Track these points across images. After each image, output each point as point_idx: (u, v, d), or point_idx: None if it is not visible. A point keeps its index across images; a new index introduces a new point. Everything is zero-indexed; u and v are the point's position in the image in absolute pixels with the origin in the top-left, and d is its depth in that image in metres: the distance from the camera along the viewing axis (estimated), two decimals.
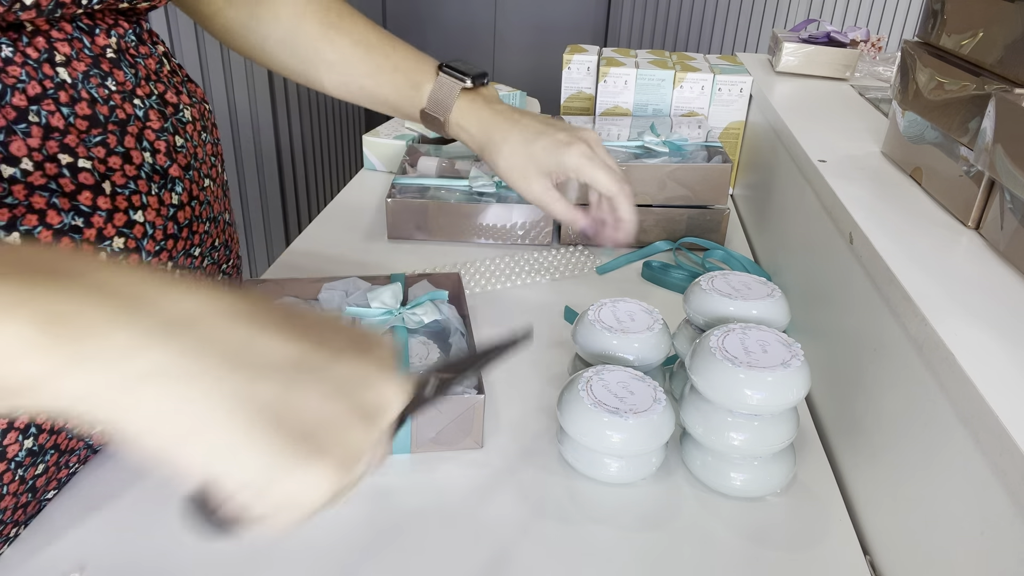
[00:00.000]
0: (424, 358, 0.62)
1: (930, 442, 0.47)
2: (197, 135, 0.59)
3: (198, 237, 0.59)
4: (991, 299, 0.49)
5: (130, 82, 0.53)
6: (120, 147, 0.51)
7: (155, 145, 0.54)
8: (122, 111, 0.52)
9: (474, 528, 0.53)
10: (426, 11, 3.47)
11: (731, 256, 0.91)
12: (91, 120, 0.50)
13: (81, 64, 0.50)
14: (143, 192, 0.53)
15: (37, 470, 0.52)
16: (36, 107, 0.47)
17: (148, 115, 0.54)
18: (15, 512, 0.51)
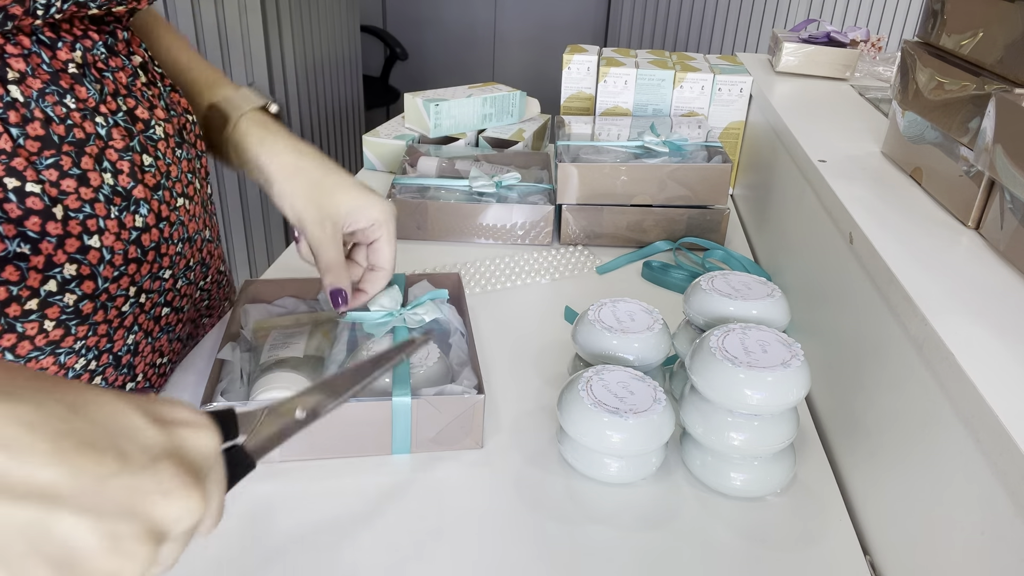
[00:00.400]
0: (424, 358, 0.62)
1: (930, 442, 0.47)
2: (171, 152, 0.57)
3: (167, 259, 0.56)
4: (991, 299, 0.49)
5: (93, 99, 0.51)
6: (75, 169, 0.49)
7: (117, 165, 0.51)
8: (80, 130, 0.49)
9: (474, 528, 0.53)
10: (426, 11, 3.47)
11: (731, 256, 0.91)
12: (43, 141, 0.47)
13: (36, 81, 0.47)
14: (100, 216, 0.50)
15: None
16: None
17: (111, 134, 0.51)
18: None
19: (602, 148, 0.98)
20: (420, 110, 1.16)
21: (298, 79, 2.07)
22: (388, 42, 3.12)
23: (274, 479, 0.57)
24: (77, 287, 0.50)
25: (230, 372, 0.62)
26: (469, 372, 0.62)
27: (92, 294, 0.51)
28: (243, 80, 1.84)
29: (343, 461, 0.59)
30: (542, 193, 0.98)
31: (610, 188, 0.93)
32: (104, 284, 0.51)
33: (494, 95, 1.20)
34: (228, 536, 0.52)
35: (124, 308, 0.54)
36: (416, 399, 0.57)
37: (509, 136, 1.19)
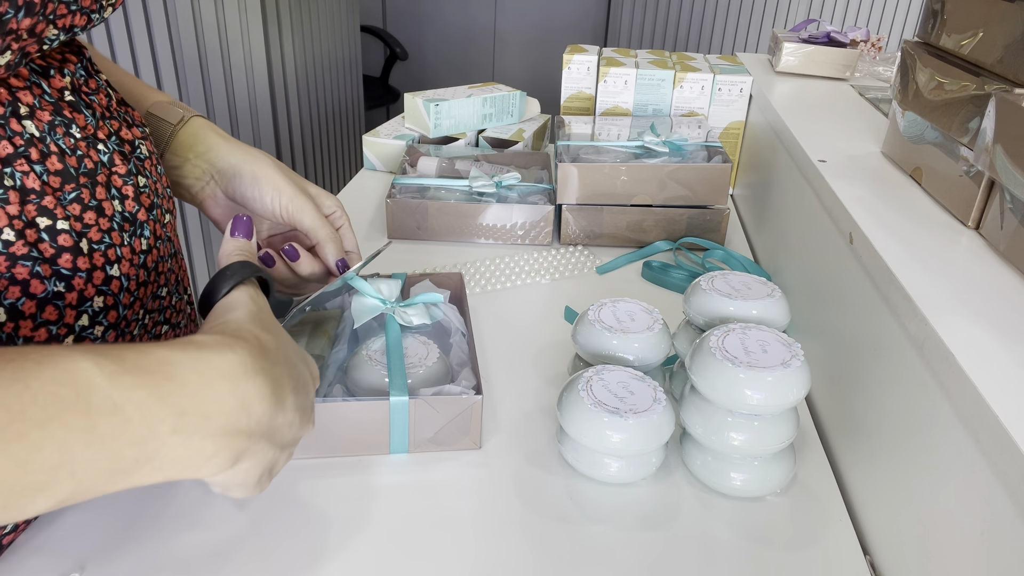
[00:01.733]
0: (424, 358, 0.62)
1: (930, 442, 0.47)
2: (155, 170, 0.55)
3: (163, 277, 0.56)
4: (991, 299, 0.49)
5: (91, 125, 0.49)
6: (93, 200, 0.48)
7: (123, 191, 0.51)
8: (89, 160, 0.48)
9: (473, 528, 0.53)
10: (426, 11, 3.47)
11: (731, 256, 0.91)
12: (63, 175, 0.46)
13: (45, 113, 0.46)
14: (117, 244, 0.49)
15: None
16: (10, 169, 0.43)
17: (114, 159, 0.50)
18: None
19: (602, 148, 0.98)
20: (420, 110, 1.16)
21: (298, 79, 2.07)
22: (388, 42, 3.12)
23: None
24: (104, 318, 0.49)
25: None
26: (469, 372, 0.62)
27: (115, 323, 0.50)
28: (243, 78, 1.84)
29: (341, 460, 0.59)
30: (542, 193, 0.98)
31: (610, 188, 0.93)
32: (123, 311, 0.51)
33: (494, 95, 1.20)
34: (226, 535, 0.52)
35: (135, 332, 0.54)
36: (414, 399, 0.57)
37: (509, 136, 1.19)
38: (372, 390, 0.59)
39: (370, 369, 0.60)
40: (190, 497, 0.55)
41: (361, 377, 0.60)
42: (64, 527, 0.52)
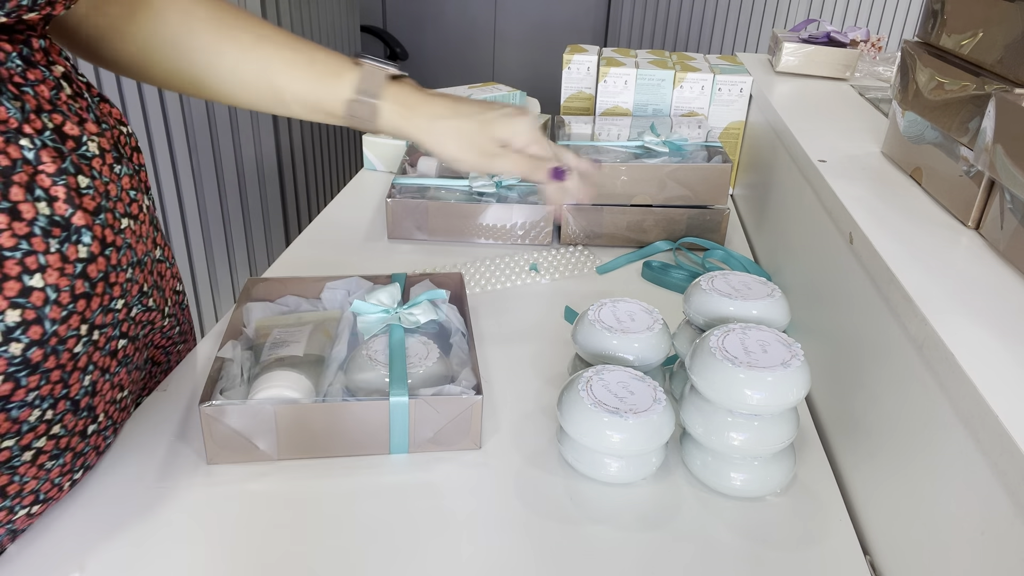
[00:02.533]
0: (424, 358, 0.62)
1: (930, 442, 0.47)
2: (108, 170, 0.51)
3: (118, 288, 0.51)
4: (991, 299, 0.49)
5: (15, 119, 0.45)
6: (5, 202, 0.43)
7: (51, 192, 0.46)
8: (5, 157, 0.44)
9: (473, 528, 0.53)
10: (426, 11, 3.47)
11: (731, 256, 0.91)
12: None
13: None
14: (39, 251, 0.45)
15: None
16: None
17: (40, 156, 0.45)
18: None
19: (602, 148, 0.98)
20: None
21: None
22: (388, 42, 3.12)
23: (272, 478, 0.57)
24: (23, 334, 0.44)
25: (230, 370, 0.62)
26: (469, 372, 0.62)
27: (40, 340, 0.45)
28: None
29: (341, 460, 0.59)
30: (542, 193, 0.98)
31: (610, 188, 0.93)
32: (52, 327, 0.46)
33: (494, 95, 1.20)
34: (225, 535, 0.52)
35: (77, 349, 0.48)
36: (414, 399, 0.57)
37: None
38: (372, 390, 0.59)
39: (370, 369, 0.60)
40: (190, 497, 0.55)
41: (361, 377, 0.60)
42: (64, 527, 0.52)
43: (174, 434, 0.60)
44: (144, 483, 0.56)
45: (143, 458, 0.58)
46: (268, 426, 0.56)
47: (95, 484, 0.55)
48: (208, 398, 0.56)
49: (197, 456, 0.58)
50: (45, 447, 0.49)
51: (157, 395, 0.65)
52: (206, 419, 0.55)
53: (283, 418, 0.56)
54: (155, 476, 0.56)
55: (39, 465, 0.49)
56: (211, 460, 0.57)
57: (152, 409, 0.63)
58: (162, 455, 0.58)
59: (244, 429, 0.56)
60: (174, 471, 0.57)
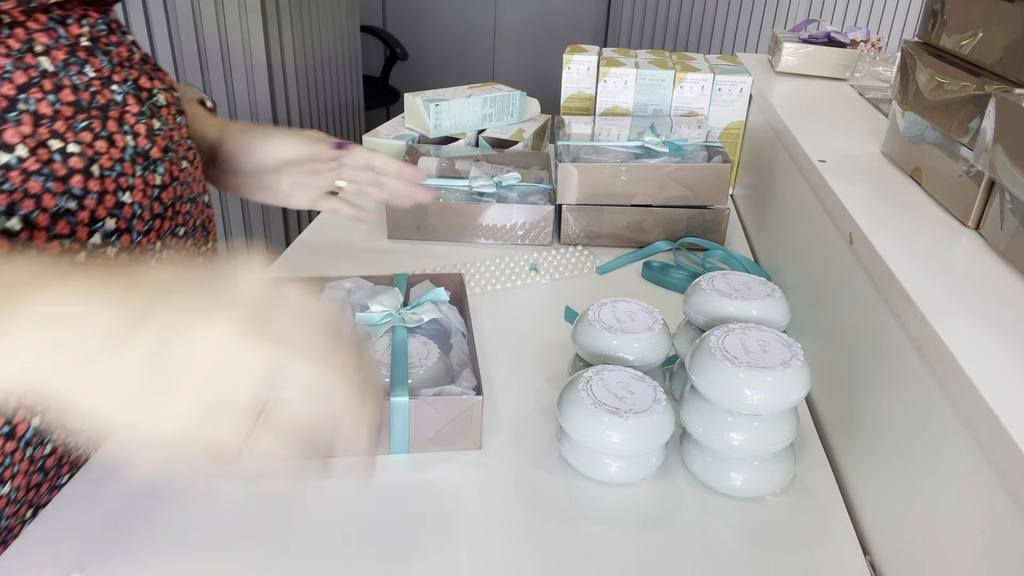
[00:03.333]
0: (424, 358, 0.62)
1: (930, 442, 0.47)
2: (172, 118, 0.61)
3: (181, 217, 0.60)
4: (991, 299, 0.49)
5: (106, 69, 0.54)
6: (104, 131, 0.53)
7: (135, 128, 0.55)
8: (102, 96, 0.53)
9: (473, 528, 0.53)
10: (426, 11, 3.47)
11: (731, 256, 0.91)
12: (76, 106, 0.51)
13: (60, 52, 0.51)
14: (128, 174, 0.54)
15: (45, 450, 0.53)
16: (24, 95, 0.48)
17: (126, 100, 0.55)
18: (27, 492, 0.53)
19: (602, 148, 0.98)
20: (420, 110, 1.16)
21: (298, 79, 2.07)
22: (388, 42, 3.12)
23: (272, 478, 0.57)
24: (116, 240, 0.53)
25: None
26: (469, 373, 0.62)
27: (128, 247, 0.54)
28: (243, 77, 1.84)
29: (340, 461, 0.59)
30: (542, 193, 0.98)
31: (610, 188, 0.93)
32: (137, 238, 0.55)
33: (494, 95, 1.20)
34: (225, 535, 0.52)
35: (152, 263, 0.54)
36: (414, 399, 0.57)
37: (509, 136, 1.19)
38: None
39: None
40: (190, 497, 0.55)
41: None
42: (64, 527, 0.52)
43: None
44: (144, 483, 0.56)
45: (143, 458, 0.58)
46: None
47: (95, 484, 0.55)
48: None
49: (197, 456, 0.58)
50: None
51: None
52: None
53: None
54: (155, 476, 0.56)
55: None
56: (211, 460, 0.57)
57: None
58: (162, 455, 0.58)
59: None
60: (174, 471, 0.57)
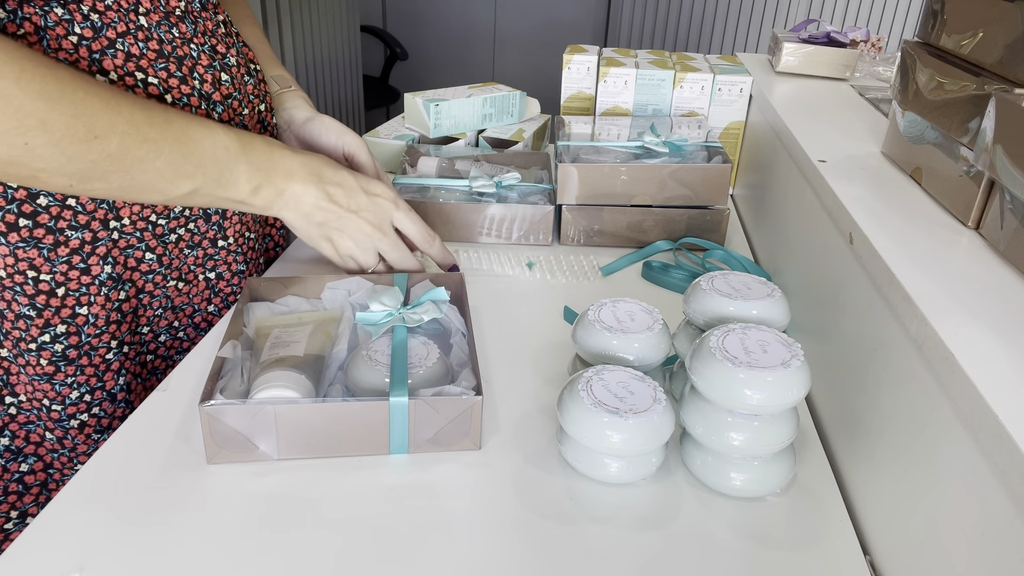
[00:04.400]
0: (424, 358, 0.62)
1: (930, 442, 0.47)
2: (240, 77, 0.76)
3: None
4: (991, 299, 0.49)
5: (189, 32, 0.70)
6: (178, 72, 0.68)
7: (203, 76, 0.71)
8: (181, 50, 0.69)
9: (473, 528, 0.53)
10: (426, 11, 3.47)
11: (731, 256, 0.91)
12: (158, 53, 0.66)
13: (156, 15, 0.67)
14: (194, 107, 0.69)
15: (120, 295, 0.71)
16: (122, 40, 0.64)
17: (200, 56, 0.71)
18: (108, 324, 0.70)
19: (602, 148, 0.98)
20: (420, 110, 1.16)
21: (298, 79, 2.07)
22: (388, 42, 3.12)
23: (271, 478, 0.57)
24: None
25: (231, 370, 0.62)
26: (469, 373, 0.62)
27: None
28: None
29: (340, 460, 0.59)
30: (542, 193, 0.98)
31: (610, 188, 0.93)
32: None
33: (494, 95, 1.20)
34: (225, 535, 0.52)
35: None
36: (413, 400, 0.57)
37: (509, 136, 1.19)
38: (372, 390, 0.59)
39: (370, 369, 0.60)
40: (190, 497, 0.55)
41: (361, 377, 0.60)
42: (64, 527, 0.52)
43: (174, 434, 0.60)
44: (144, 483, 0.56)
45: (143, 458, 0.58)
46: (268, 426, 0.56)
47: (95, 484, 0.55)
48: (208, 398, 0.56)
49: (197, 456, 0.58)
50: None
51: (157, 395, 0.65)
52: (206, 419, 0.55)
53: (283, 418, 0.56)
54: (155, 476, 0.56)
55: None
56: (211, 460, 0.57)
57: (152, 409, 0.63)
58: (162, 455, 0.58)
59: (244, 429, 0.56)
60: (174, 471, 0.57)
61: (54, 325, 0.66)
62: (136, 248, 0.70)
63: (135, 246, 0.70)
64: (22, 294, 0.65)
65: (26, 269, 0.64)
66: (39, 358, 0.67)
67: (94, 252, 0.67)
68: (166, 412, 0.63)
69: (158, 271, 0.72)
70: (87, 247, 0.66)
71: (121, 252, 0.69)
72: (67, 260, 0.66)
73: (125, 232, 0.69)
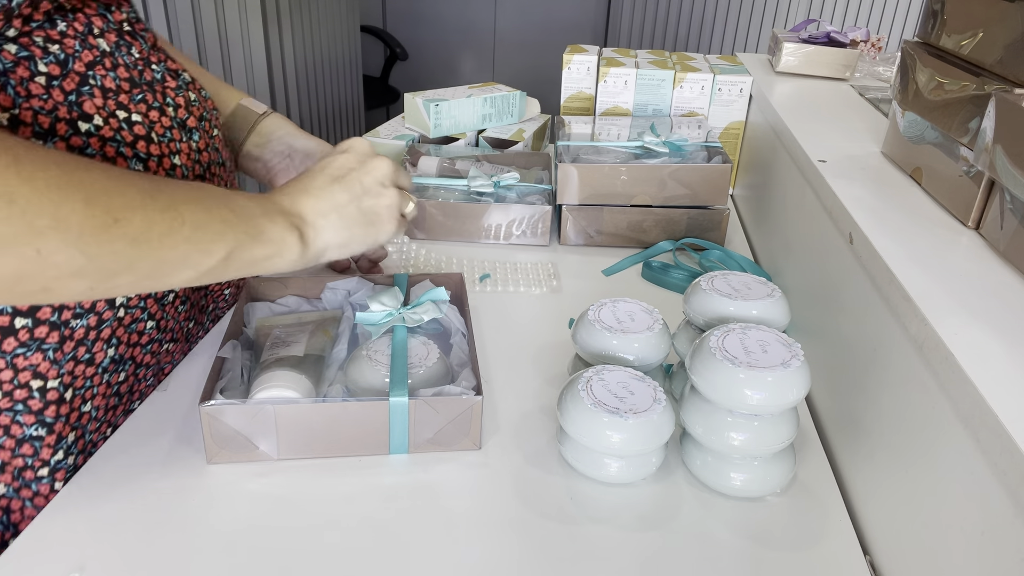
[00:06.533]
0: (424, 358, 0.62)
1: (930, 442, 0.47)
2: (198, 93, 0.68)
3: (216, 179, 0.67)
4: (991, 299, 0.49)
5: (145, 50, 0.62)
6: (156, 103, 0.61)
7: (176, 100, 0.63)
8: (148, 73, 0.61)
9: (473, 528, 0.53)
10: (426, 11, 3.47)
11: (729, 256, 0.91)
12: (131, 82, 0.59)
13: (111, 35, 0.59)
14: (177, 140, 0.62)
15: (120, 377, 0.61)
16: (92, 72, 0.55)
17: (165, 77, 0.63)
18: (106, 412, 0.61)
19: (602, 148, 0.98)
20: (420, 110, 1.16)
21: (298, 79, 2.07)
22: (388, 42, 3.12)
23: (271, 478, 0.57)
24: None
25: (231, 370, 0.62)
26: (469, 373, 0.62)
27: None
28: (243, 77, 1.84)
29: (340, 460, 0.59)
30: (541, 193, 0.98)
31: (610, 188, 0.93)
32: None
33: (494, 95, 1.20)
34: (225, 535, 0.52)
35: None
36: (414, 400, 0.57)
37: (509, 136, 1.19)
38: (372, 390, 0.59)
39: (370, 369, 0.60)
40: (190, 497, 0.55)
41: (361, 377, 0.60)
42: (64, 527, 0.52)
43: (174, 434, 0.60)
44: (144, 483, 0.56)
45: (143, 458, 0.58)
46: (268, 426, 0.56)
47: (95, 484, 0.55)
48: (208, 398, 0.56)
49: (197, 456, 0.58)
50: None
51: (157, 395, 0.65)
52: (206, 419, 0.55)
53: (283, 418, 0.56)
54: (155, 476, 0.56)
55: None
56: (211, 460, 0.57)
57: (152, 409, 0.63)
58: (162, 455, 0.58)
59: (244, 429, 0.56)
60: (174, 471, 0.57)
61: (65, 437, 0.57)
62: (139, 320, 0.61)
63: (139, 319, 0.61)
64: (26, 412, 0.54)
65: (29, 380, 0.54)
66: (52, 483, 0.56)
67: (99, 337, 0.58)
68: (166, 412, 0.63)
69: (155, 338, 0.64)
70: (92, 333, 0.57)
71: (126, 330, 0.60)
72: (73, 355, 0.56)
73: (131, 306, 0.60)
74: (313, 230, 0.56)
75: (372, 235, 0.61)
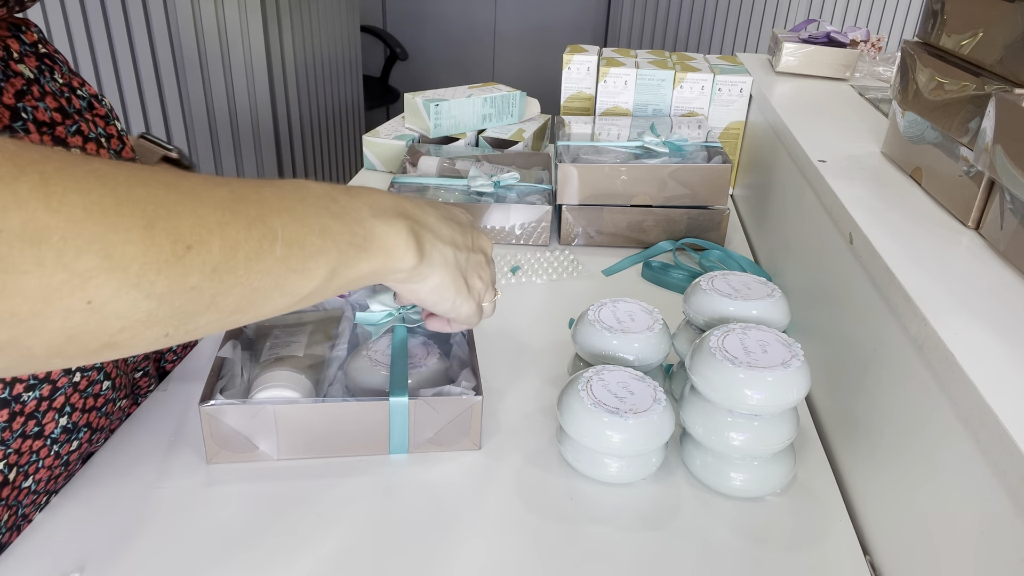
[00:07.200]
0: (424, 358, 0.62)
1: (930, 442, 0.47)
2: (115, 123, 0.62)
3: None
4: (991, 299, 0.49)
5: (66, 75, 0.57)
6: (92, 133, 0.56)
7: (108, 131, 0.58)
8: (76, 100, 0.56)
9: (473, 528, 0.53)
10: (426, 11, 3.47)
11: (729, 256, 0.91)
12: (61, 112, 0.53)
13: (31, 59, 0.53)
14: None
15: (71, 446, 0.55)
16: (22, 104, 0.50)
17: (92, 104, 0.58)
18: (48, 483, 0.54)
19: (602, 148, 0.98)
20: (420, 110, 1.16)
21: (298, 79, 2.07)
22: (388, 42, 3.12)
23: (271, 477, 0.57)
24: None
25: (230, 370, 0.62)
26: (469, 373, 0.62)
27: None
28: (243, 77, 1.84)
29: (340, 460, 0.59)
30: (540, 193, 0.98)
31: (610, 188, 0.93)
32: None
33: (494, 95, 1.20)
34: (225, 535, 0.52)
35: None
36: (414, 400, 0.57)
37: (509, 136, 1.19)
38: (372, 390, 0.59)
39: (370, 369, 0.60)
40: (191, 497, 0.55)
41: (361, 377, 0.60)
42: (64, 527, 0.52)
43: (174, 434, 0.60)
44: (144, 483, 0.56)
45: (143, 458, 0.58)
46: (268, 426, 0.56)
47: (95, 484, 0.55)
48: (208, 398, 0.56)
49: (197, 456, 0.58)
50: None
51: (157, 395, 0.65)
52: (206, 419, 0.55)
53: (283, 418, 0.56)
54: (155, 476, 0.56)
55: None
56: (211, 460, 0.57)
57: (152, 409, 0.63)
58: (162, 455, 0.58)
59: (244, 429, 0.56)
60: (174, 471, 0.57)
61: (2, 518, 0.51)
62: (96, 383, 0.55)
63: (95, 380, 0.55)
64: None
65: None
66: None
67: (51, 407, 0.51)
68: (166, 412, 0.63)
69: (110, 398, 0.58)
70: (44, 404, 0.51)
71: (81, 395, 0.54)
72: (21, 431, 0.49)
73: (86, 369, 0.54)
74: (431, 243, 0.46)
75: (457, 302, 0.50)
